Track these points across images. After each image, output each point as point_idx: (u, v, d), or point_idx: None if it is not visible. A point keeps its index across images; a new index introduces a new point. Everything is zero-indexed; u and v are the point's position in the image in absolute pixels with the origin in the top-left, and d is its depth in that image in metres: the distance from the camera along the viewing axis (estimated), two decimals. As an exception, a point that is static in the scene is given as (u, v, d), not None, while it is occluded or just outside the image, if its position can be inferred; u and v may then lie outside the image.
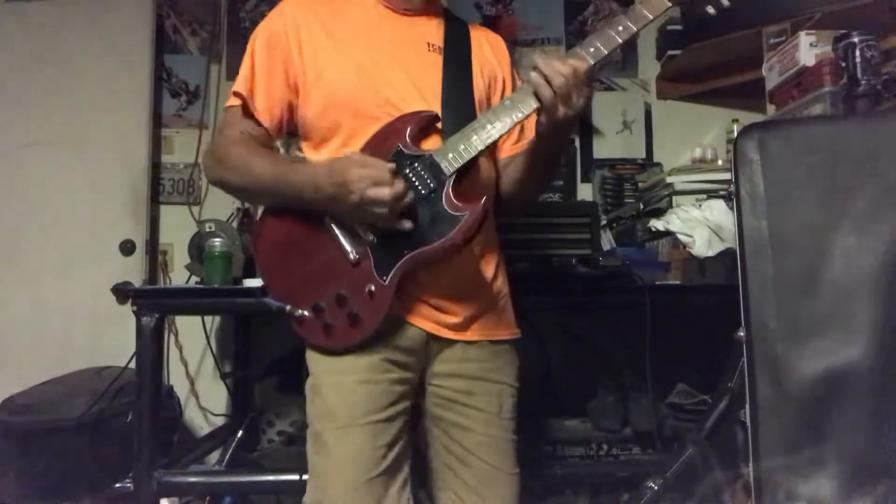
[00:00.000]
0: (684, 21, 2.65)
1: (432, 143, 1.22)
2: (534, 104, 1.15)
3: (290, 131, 1.33)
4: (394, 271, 1.16)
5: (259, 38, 1.30)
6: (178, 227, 2.74)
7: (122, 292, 1.83)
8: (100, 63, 2.74)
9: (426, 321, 1.24)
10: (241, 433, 2.24)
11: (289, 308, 1.23)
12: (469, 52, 1.35)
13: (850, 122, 1.31)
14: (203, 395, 2.73)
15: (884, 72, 1.46)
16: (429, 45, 1.31)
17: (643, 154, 2.87)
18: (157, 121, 2.85)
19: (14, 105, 2.72)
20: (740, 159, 1.19)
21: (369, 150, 1.20)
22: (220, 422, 2.66)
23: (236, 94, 1.28)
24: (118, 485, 1.88)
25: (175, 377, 2.64)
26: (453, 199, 1.15)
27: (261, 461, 2.14)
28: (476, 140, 1.16)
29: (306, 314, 1.21)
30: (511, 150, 1.39)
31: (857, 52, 1.44)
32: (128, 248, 2.69)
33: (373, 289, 1.17)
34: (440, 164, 1.16)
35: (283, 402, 2.27)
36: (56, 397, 2.16)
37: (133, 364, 1.82)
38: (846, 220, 1.13)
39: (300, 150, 1.35)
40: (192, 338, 2.68)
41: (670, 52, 2.71)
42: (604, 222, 2.55)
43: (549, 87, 1.10)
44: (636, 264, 1.96)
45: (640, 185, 2.57)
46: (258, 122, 1.28)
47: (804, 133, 1.22)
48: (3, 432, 2.08)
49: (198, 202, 2.83)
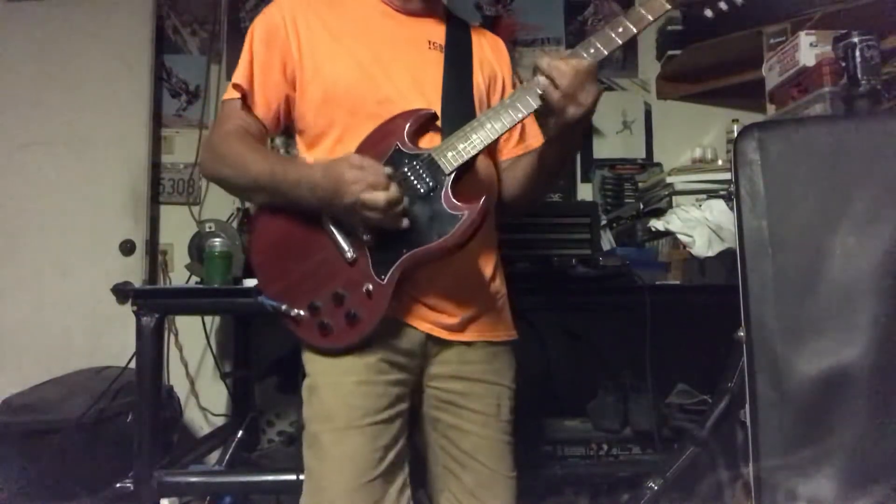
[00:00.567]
0: (684, 21, 2.66)
1: (430, 141, 1.21)
2: (534, 104, 1.14)
3: (287, 126, 1.32)
4: (392, 270, 1.14)
5: (257, 30, 1.28)
6: (178, 227, 2.74)
7: (122, 292, 1.83)
8: (100, 63, 2.74)
9: (424, 322, 1.23)
10: (241, 433, 2.23)
11: (284, 307, 1.20)
12: (470, 51, 1.34)
13: (850, 122, 1.31)
14: (203, 395, 2.73)
15: (884, 72, 1.46)
16: (430, 42, 1.30)
17: (643, 154, 2.87)
18: (157, 121, 2.85)
19: (14, 105, 2.72)
20: (740, 159, 1.19)
21: (366, 147, 1.19)
22: (220, 422, 2.66)
23: (236, 87, 1.26)
24: (118, 485, 1.88)
25: (175, 377, 2.64)
26: (452, 199, 1.13)
27: (261, 461, 2.14)
28: (476, 139, 1.14)
29: (302, 314, 1.19)
30: (513, 151, 1.38)
31: (857, 52, 1.44)
32: (128, 248, 2.69)
33: (370, 288, 1.15)
34: (439, 163, 1.15)
35: (283, 402, 2.27)
36: (56, 397, 2.16)
37: (133, 364, 1.82)
38: (846, 220, 1.13)
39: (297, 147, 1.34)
40: (192, 338, 2.68)
41: (670, 52, 2.72)
42: (604, 222, 2.54)
43: (556, 88, 1.08)
44: (636, 264, 1.96)
45: (640, 185, 2.57)
46: (256, 116, 1.26)
47: (804, 133, 1.22)
48: (3, 432, 2.08)
49: (198, 202, 2.83)
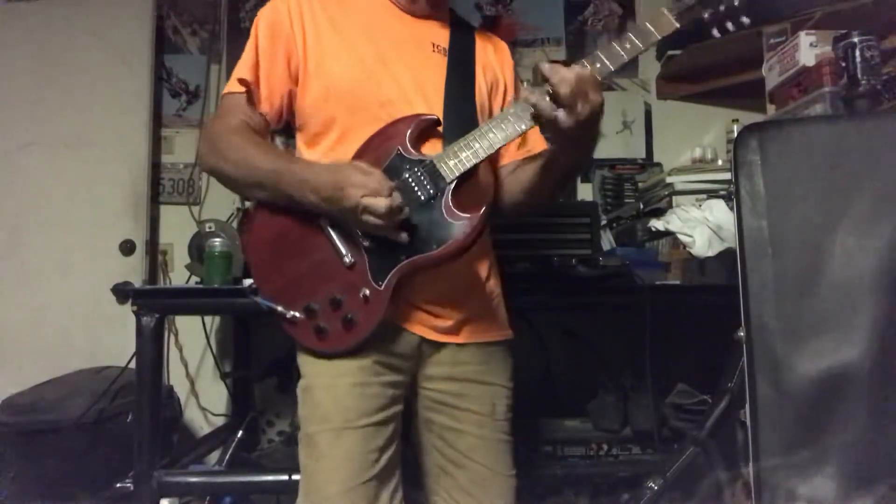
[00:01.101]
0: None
1: (432, 146, 1.20)
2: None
3: (288, 121, 1.30)
4: (390, 276, 1.14)
5: (262, 23, 1.26)
6: (178, 227, 2.74)
7: (122, 292, 1.82)
8: (100, 63, 2.74)
9: (418, 325, 1.22)
10: (241, 433, 2.23)
11: (280, 309, 1.20)
12: (473, 56, 1.33)
13: (850, 122, 1.31)
14: (203, 395, 2.73)
15: (884, 72, 1.46)
16: (433, 45, 1.30)
17: (643, 154, 2.87)
18: (157, 121, 2.85)
19: (14, 105, 2.72)
20: (740, 159, 1.19)
21: (367, 150, 1.19)
22: (220, 422, 2.66)
23: (241, 81, 1.25)
24: (118, 485, 1.88)
25: (175, 377, 2.64)
26: (453, 208, 1.13)
27: (261, 461, 2.14)
28: (478, 148, 1.14)
29: (298, 315, 1.19)
30: (514, 156, 1.37)
31: (857, 52, 1.44)
32: (128, 248, 2.69)
33: (367, 293, 1.15)
34: (440, 171, 1.14)
35: (283, 402, 2.27)
36: (56, 397, 2.16)
37: (133, 364, 1.81)
38: (846, 220, 1.13)
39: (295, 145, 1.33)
40: (192, 338, 2.68)
41: (670, 52, 2.71)
42: (604, 222, 2.54)
43: (556, 94, 1.04)
44: (636, 264, 1.96)
45: (640, 185, 2.57)
46: (259, 110, 1.25)
47: (804, 133, 1.22)
48: (3, 432, 2.08)
49: (198, 202, 2.83)
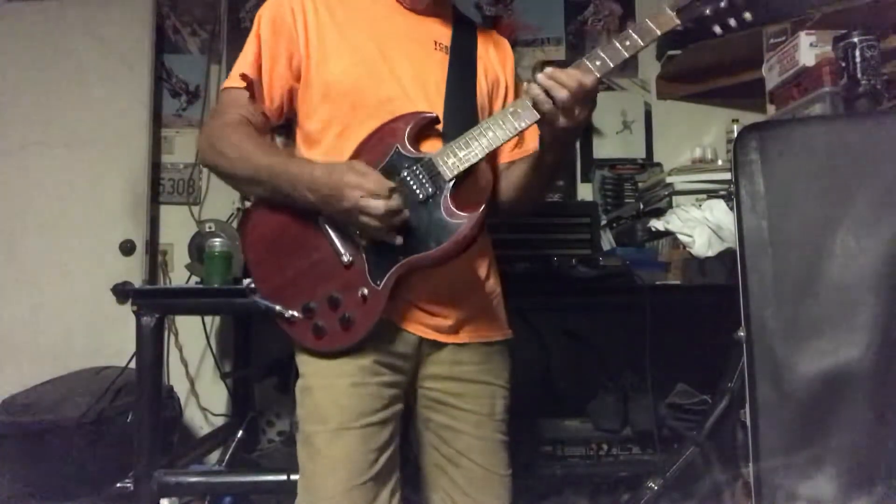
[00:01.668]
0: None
1: (431, 144, 1.20)
2: (537, 114, 1.13)
3: (288, 118, 1.30)
4: (388, 276, 1.14)
5: (264, 18, 1.26)
6: (178, 227, 2.74)
7: (122, 292, 1.82)
8: (100, 63, 2.74)
9: (418, 325, 1.22)
10: (241, 433, 2.24)
11: (279, 308, 1.19)
12: (475, 55, 1.33)
13: (850, 122, 1.31)
14: (203, 395, 2.72)
15: (884, 72, 1.46)
16: (436, 43, 1.30)
17: (643, 154, 2.87)
18: (157, 121, 2.85)
19: (14, 105, 2.72)
20: (740, 159, 1.19)
21: (366, 147, 1.18)
22: (220, 422, 2.66)
23: (242, 77, 1.24)
24: (118, 485, 1.87)
25: (175, 377, 2.64)
26: (451, 207, 1.13)
27: (261, 461, 2.15)
28: (477, 147, 1.14)
29: (296, 315, 1.18)
30: (511, 155, 1.37)
31: (857, 52, 1.44)
32: (128, 248, 2.69)
33: (366, 293, 1.15)
34: (439, 169, 1.14)
35: (283, 402, 2.27)
36: (56, 397, 2.16)
37: (133, 364, 1.81)
38: (846, 220, 1.13)
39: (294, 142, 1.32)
40: (192, 338, 2.68)
41: (670, 52, 2.71)
42: (604, 222, 2.54)
43: (550, 99, 1.08)
44: (636, 264, 1.96)
45: (640, 185, 2.56)
46: (260, 106, 1.25)
47: (804, 133, 1.22)
48: (3, 432, 2.08)
49: (198, 202, 2.83)
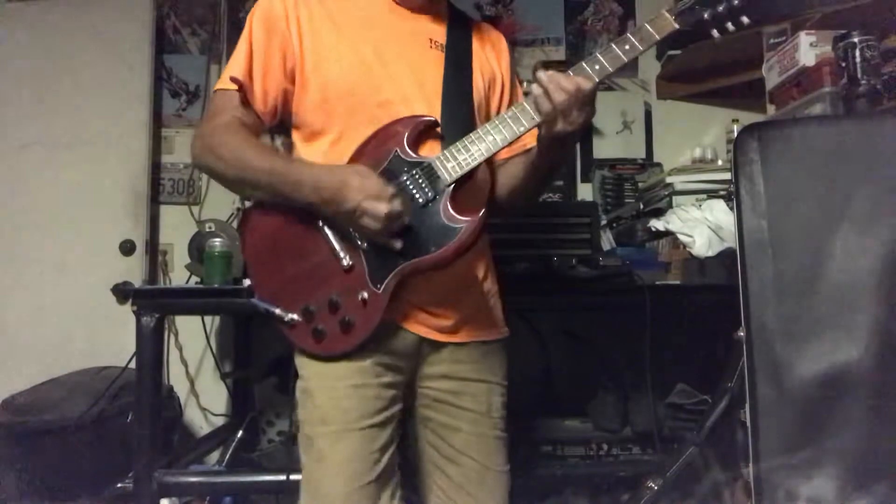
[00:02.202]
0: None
1: (430, 147, 1.20)
2: (537, 118, 1.14)
3: (283, 120, 1.28)
4: (388, 280, 1.14)
5: (256, 19, 1.23)
6: (178, 227, 2.74)
7: (122, 292, 1.82)
8: (100, 63, 2.73)
9: (418, 325, 1.22)
10: (241, 433, 2.24)
11: (278, 311, 1.19)
12: (470, 52, 1.32)
13: (850, 122, 1.31)
14: (203, 395, 2.72)
15: (884, 72, 1.46)
16: (431, 41, 1.28)
17: (643, 154, 2.87)
18: (157, 121, 2.84)
19: (14, 105, 2.72)
20: (740, 159, 1.19)
21: (365, 152, 1.18)
22: (220, 422, 2.66)
23: (234, 80, 1.22)
24: (118, 485, 1.87)
25: (175, 377, 2.64)
26: (451, 210, 1.14)
27: (261, 461, 2.14)
28: (476, 151, 1.15)
29: (296, 318, 1.18)
30: (509, 150, 1.35)
31: (857, 52, 1.44)
32: (128, 248, 2.69)
33: (366, 296, 1.15)
34: (439, 174, 1.15)
35: (282, 403, 2.27)
36: (56, 397, 2.16)
37: (133, 364, 1.81)
38: (846, 220, 1.13)
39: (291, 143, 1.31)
40: (192, 338, 2.68)
41: (670, 52, 2.71)
42: (604, 222, 2.54)
43: (550, 101, 1.09)
44: (636, 264, 1.96)
45: (640, 185, 2.57)
46: (253, 109, 1.22)
47: (804, 133, 1.22)
48: (3, 432, 2.08)
49: (198, 202, 2.83)
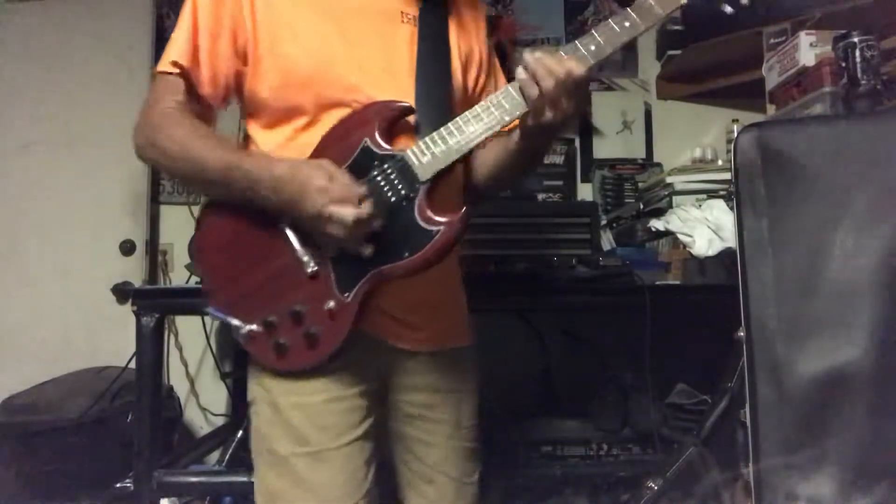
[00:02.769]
0: (685, 21, 2.65)
1: (403, 137, 1.07)
2: (522, 108, 1.04)
3: (237, 103, 1.15)
4: (357, 287, 1.02)
5: None
6: (178, 227, 2.74)
7: (122, 292, 1.83)
8: (100, 63, 2.73)
9: (389, 334, 1.12)
10: (241, 433, 2.23)
11: (236, 322, 1.06)
12: (447, 23, 1.18)
13: (850, 122, 1.31)
14: (203, 395, 2.72)
15: (884, 72, 1.46)
16: (402, 14, 1.14)
17: (643, 154, 2.87)
18: (158, 121, 2.85)
19: (14, 105, 2.72)
20: (740, 159, 1.19)
21: (330, 142, 1.06)
22: (220, 422, 2.66)
23: (175, 65, 1.07)
24: (118, 485, 1.88)
25: (175, 377, 2.64)
26: (427, 211, 1.02)
27: (261, 461, 2.14)
28: (455, 144, 1.03)
29: (255, 328, 1.05)
30: None
31: (857, 52, 1.43)
32: (128, 248, 2.69)
33: (333, 306, 1.02)
34: (414, 169, 1.02)
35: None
36: (56, 397, 2.16)
37: (133, 364, 1.82)
38: (846, 220, 1.12)
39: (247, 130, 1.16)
40: (192, 338, 2.67)
41: (670, 52, 2.71)
42: (604, 222, 2.55)
43: (537, 87, 0.99)
44: (636, 264, 1.96)
45: (640, 185, 2.57)
46: (200, 94, 1.09)
47: (804, 133, 1.21)
48: (2, 432, 2.08)
49: (198, 202, 2.82)
